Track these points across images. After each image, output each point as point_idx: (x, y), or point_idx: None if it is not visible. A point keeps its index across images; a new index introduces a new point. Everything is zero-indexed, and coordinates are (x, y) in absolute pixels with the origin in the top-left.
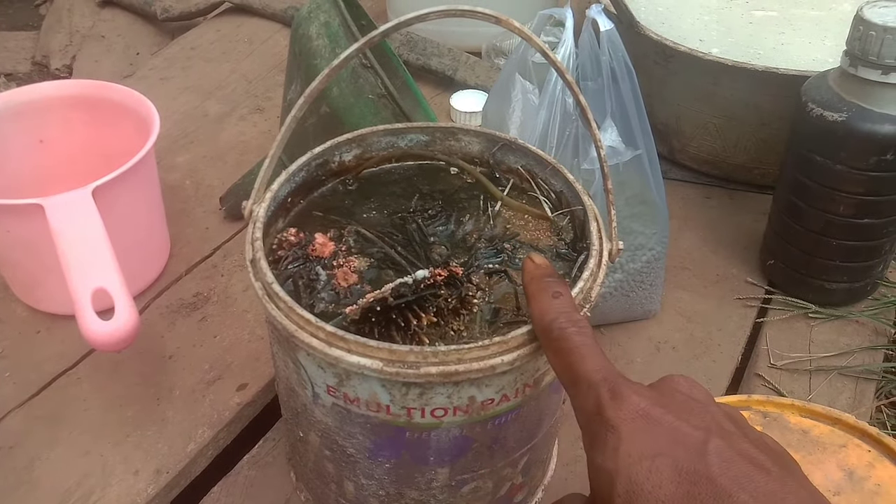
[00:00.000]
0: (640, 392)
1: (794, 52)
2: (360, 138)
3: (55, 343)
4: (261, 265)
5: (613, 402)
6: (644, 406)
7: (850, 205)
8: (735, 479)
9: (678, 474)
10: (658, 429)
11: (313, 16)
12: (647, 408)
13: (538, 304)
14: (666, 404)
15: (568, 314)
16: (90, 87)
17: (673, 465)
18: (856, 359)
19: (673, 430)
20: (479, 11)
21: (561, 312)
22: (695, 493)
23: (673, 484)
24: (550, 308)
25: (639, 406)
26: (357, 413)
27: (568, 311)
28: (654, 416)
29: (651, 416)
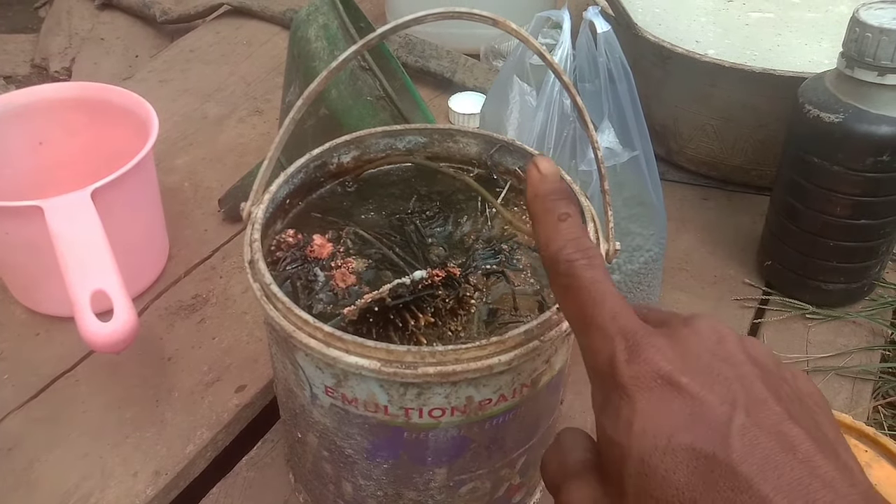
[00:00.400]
0: (662, 351)
1: (790, 54)
2: (359, 140)
3: (54, 345)
4: (259, 266)
5: (630, 363)
6: (665, 370)
7: (846, 206)
8: (758, 467)
9: (695, 458)
10: (678, 401)
11: (312, 18)
12: (668, 373)
13: (542, 229)
14: (690, 368)
15: (577, 241)
16: (89, 90)
17: (691, 447)
18: (853, 359)
19: (695, 402)
20: (476, 13)
21: (569, 240)
22: (712, 482)
23: (689, 469)
24: (557, 234)
25: (660, 370)
26: (355, 413)
27: (577, 238)
28: (676, 384)
29: (672, 383)
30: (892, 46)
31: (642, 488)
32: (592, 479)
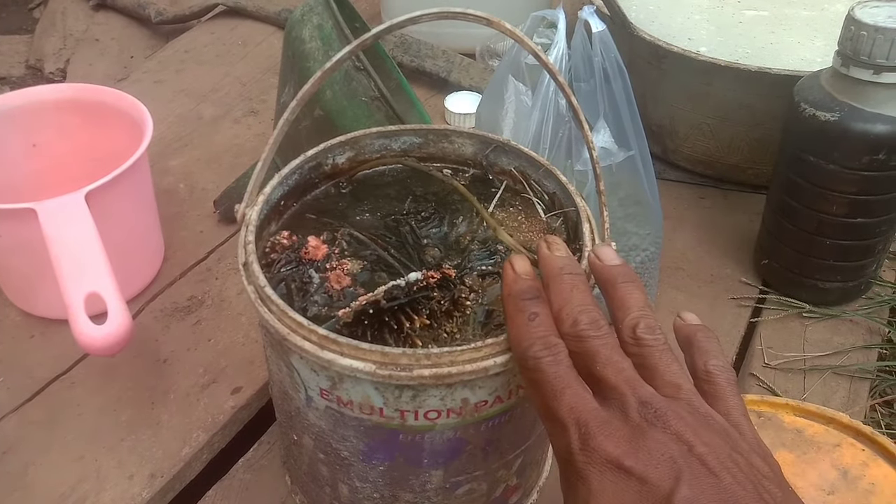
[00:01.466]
0: (612, 436)
1: (784, 52)
2: (353, 141)
3: (49, 348)
4: (253, 269)
5: (583, 450)
6: (614, 454)
7: (842, 204)
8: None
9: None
10: (627, 481)
11: (306, 18)
12: (616, 456)
13: (513, 327)
14: (638, 448)
15: (544, 339)
16: (83, 91)
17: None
18: (850, 358)
19: (641, 482)
20: (470, 13)
21: (537, 338)
22: None
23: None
24: (526, 333)
25: (608, 454)
26: (350, 416)
27: (544, 336)
28: (624, 466)
29: (621, 465)
30: (887, 45)
31: None
32: None
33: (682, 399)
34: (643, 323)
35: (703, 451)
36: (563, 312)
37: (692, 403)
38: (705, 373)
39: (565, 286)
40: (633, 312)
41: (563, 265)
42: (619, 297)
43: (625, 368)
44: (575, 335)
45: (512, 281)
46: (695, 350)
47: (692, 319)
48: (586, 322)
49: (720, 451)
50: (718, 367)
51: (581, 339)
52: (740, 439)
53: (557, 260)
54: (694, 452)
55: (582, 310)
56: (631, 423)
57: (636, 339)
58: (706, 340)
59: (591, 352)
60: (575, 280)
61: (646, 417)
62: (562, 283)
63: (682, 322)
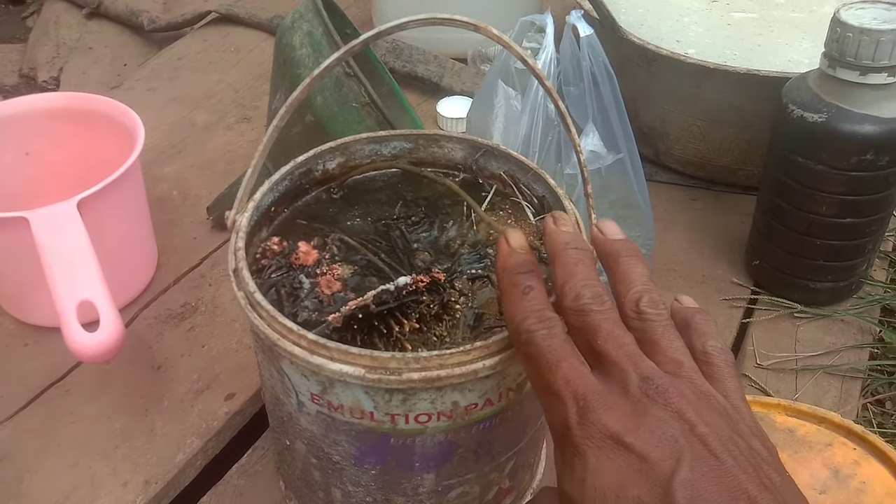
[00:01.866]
0: (612, 411)
1: (771, 53)
2: (344, 146)
3: (43, 356)
4: (243, 275)
5: (581, 424)
6: (614, 429)
7: (832, 204)
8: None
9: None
10: (625, 459)
11: (296, 25)
12: (617, 432)
13: (508, 302)
14: (638, 427)
15: (539, 313)
16: (75, 100)
17: (637, 501)
18: (841, 357)
19: (641, 459)
20: (457, 19)
21: (531, 311)
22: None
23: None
24: (520, 307)
25: (608, 429)
26: (341, 420)
27: (539, 310)
28: (623, 443)
29: (620, 440)
30: (872, 46)
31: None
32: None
33: (683, 376)
34: (646, 297)
35: (705, 432)
36: (567, 287)
37: (694, 381)
38: (704, 353)
39: (570, 260)
40: (636, 286)
41: (568, 240)
42: (621, 270)
43: (626, 343)
44: (577, 309)
45: (507, 255)
46: (693, 332)
47: (690, 302)
48: (589, 296)
49: (722, 433)
50: (717, 349)
51: (583, 314)
52: (740, 421)
53: (563, 235)
54: (696, 432)
55: (585, 284)
56: (632, 399)
57: (639, 313)
58: (704, 323)
59: (593, 326)
60: (580, 255)
61: (647, 393)
62: (566, 257)
63: (679, 305)
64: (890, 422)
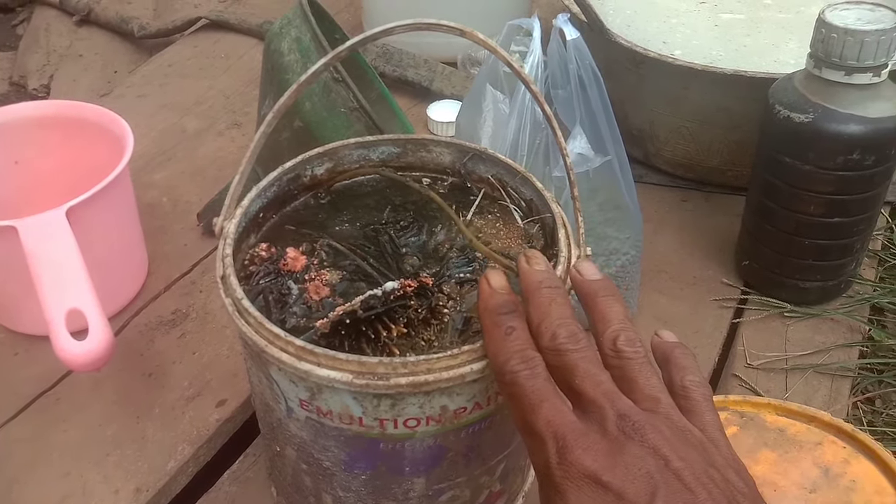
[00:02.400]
0: (589, 450)
1: (757, 54)
2: (332, 152)
3: (33, 364)
4: (231, 281)
5: (561, 464)
6: (591, 468)
7: (819, 204)
8: None
9: None
10: (603, 496)
11: (285, 31)
12: (594, 471)
13: (490, 342)
14: (615, 463)
15: (522, 353)
16: (64, 108)
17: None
18: (831, 356)
19: (618, 496)
20: (444, 24)
21: (514, 352)
22: None
23: None
24: (503, 348)
25: (586, 469)
26: (330, 426)
27: (522, 350)
28: (601, 481)
29: (598, 479)
30: (857, 46)
31: None
32: None
33: (660, 413)
34: (623, 335)
35: (679, 466)
36: (542, 326)
37: (670, 417)
38: (682, 388)
39: (544, 300)
40: (613, 325)
41: (542, 279)
42: (599, 310)
43: (603, 381)
44: (553, 349)
45: (488, 296)
46: (672, 366)
47: (669, 337)
48: (565, 336)
49: (696, 467)
50: (695, 383)
51: (560, 353)
52: (717, 454)
53: (536, 274)
54: (670, 467)
55: (560, 323)
56: (609, 437)
57: (616, 351)
58: (683, 357)
59: (570, 365)
60: (554, 294)
61: (624, 430)
62: (540, 296)
63: (659, 340)
64: (879, 420)
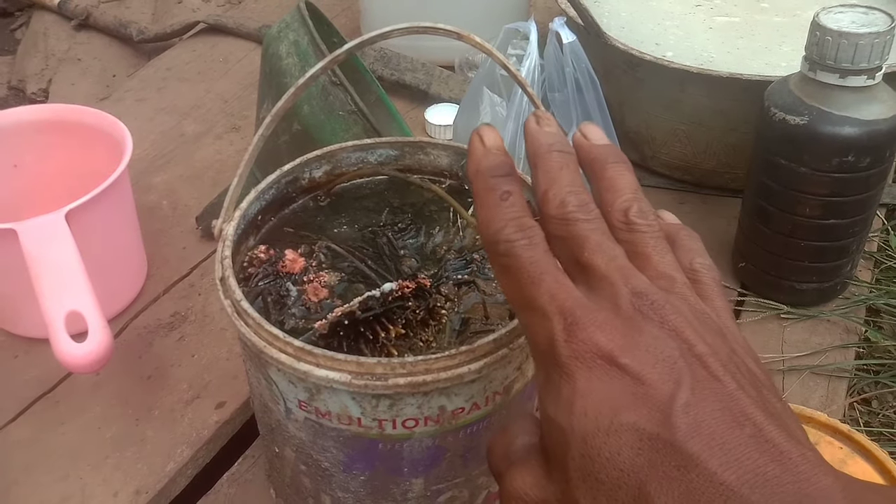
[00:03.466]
0: (603, 328)
1: (748, 57)
2: (330, 154)
3: (33, 367)
4: (229, 283)
5: (569, 341)
6: (606, 348)
7: (815, 206)
8: (705, 444)
9: (640, 439)
10: (620, 381)
11: (283, 35)
12: (609, 352)
13: (483, 208)
14: (633, 346)
15: (518, 221)
16: (63, 112)
17: (634, 427)
18: (828, 357)
19: (637, 382)
20: (440, 28)
21: (510, 219)
22: (658, 462)
23: (634, 451)
24: (497, 214)
25: (599, 348)
26: (329, 427)
27: (518, 218)
28: (617, 364)
29: (613, 362)
30: (851, 49)
31: (587, 471)
32: (536, 462)
33: (677, 292)
34: (636, 206)
35: (705, 352)
36: (550, 193)
37: (687, 298)
38: (691, 271)
39: (553, 164)
40: (625, 195)
41: (552, 141)
42: (608, 178)
43: (616, 256)
44: (562, 217)
45: (481, 155)
46: (678, 248)
47: (672, 219)
48: (575, 204)
49: (721, 353)
50: (705, 266)
51: (568, 223)
52: (734, 341)
53: (546, 136)
54: (694, 352)
55: (571, 191)
56: (624, 316)
57: (628, 224)
58: (689, 239)
59: (580, 237)
60: (565, 159)
61: (640, 309)
62: (550, 160)
63: (662, 221)
64: (876, 420)
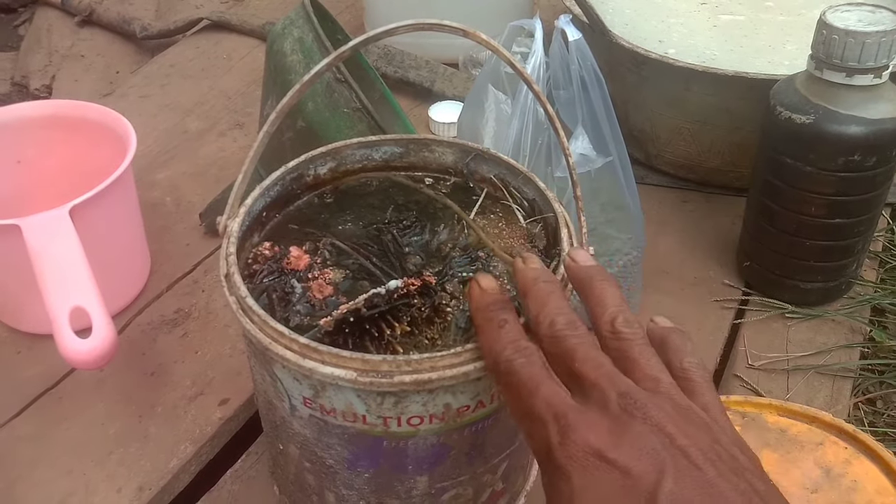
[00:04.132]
0: (593, 428)
1: (751, 55)
2: (335, 151)
3: (36, 363)
4: (234, 280)
5: (563, 444)
6: (597, 446)
7: (821, 205)
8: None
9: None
10: (610, 475)
11: (287, 32)
12: (599, 448)
13: (484, 336)
14: (620, 442)
15: (516, 343)
16: (67, 107)
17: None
18: (832, 357)
19: (625, 475)
20: (446, 24)
21: (508, 342)
22: None
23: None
24: (497, 339)
25: (590, 446)
26: (334, 424)
27: (516, 340)
28: (607, 458)
29: (603, 456)
30: (858, 48)
31: None
32: None
33: (662, 392)
34: (621, 317)
35: (686, 443)
36: (541, 316)
37: (672, 396)
38: (681, 370)
39: (541, 292)
40: (611, 308)
41: (537, 275)
42: (596, 294)
43: (603, 364)
44: (552, 335)
45: (479, 296)
46: (669, 350)
47: (665, 322)
48: (563, 323)
49: (702, 443)
50: (694, 365)
51: (559, 339)
52: (721, 432)
53: (532, 271)
54: (676, 444)
55: (559, 312)
56: (611, 415)
57: (615, 333)
58: (680, 340)
59: (570, 350)
60: (551, 286)
61: (626, 408)
62: (538, 289)
63: (654, 325)
64: (881, 421)
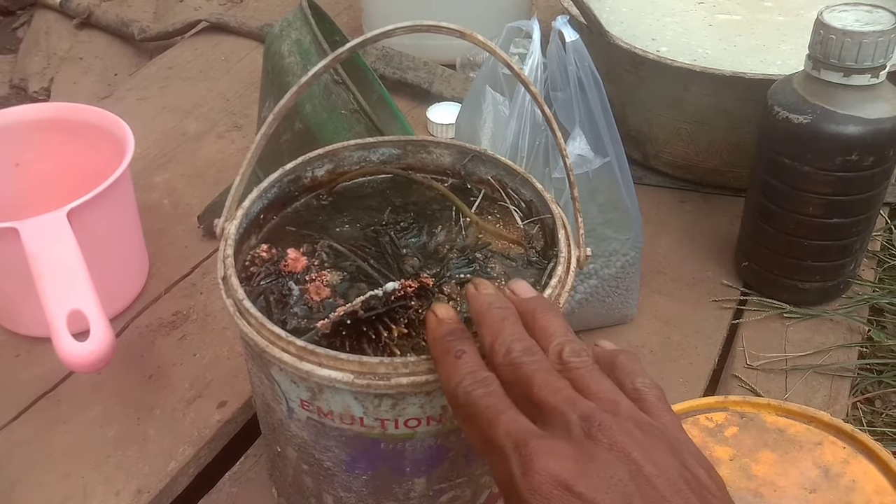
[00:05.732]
0: (556, 456)
1: (744, 55)
2: (332, 153)
3: (35, 366)
4: (232, 282)
5: (526, 475)
6: (561, 476)
7: (818, 205)
8: None
9: None
10: None
11: (285, 34)
12: (564, 479)
13: (442, 367)
14: (586, 471)
15: (474, 374)
16: (65, 110)
17: None
18: (831, 357)
19: None
20: (443, 26)
21: (466, 373)
22: None
23: None
24: (454, 371)
25: (554, 476)
26: (331, 426)
27: (474, 371)
28: (573, 490)
29: (569, 488)
30: (855, 48)
31: None
32: None
33: (622, 414)
34: (568, 347)
35: (652, 472)
36: (496, 344)
37: (634, 417)
38: (634, 391)
39: (495, 319)
40: (556, 339)
41: (491, 301)
42: (540, 326)
43: (562, 388)
44: (509, 363)
45: (436, 325)
46: (619, 372)
47: (609, 346)
48: (519, 349)
49: (670, 471)
50: (647, 385)
51: (515, 367)
52: (685, 452)
53: (485, 297)
54: (643, 473)
55: (514, 339)
56: (575, 441)
57: (563, 364)
58: (629, 362)
59: (527, 377)
60: (504, 313)
61: (589, 432)
62: (491, 316)
63: (600, 349)
64: (879, 420)
